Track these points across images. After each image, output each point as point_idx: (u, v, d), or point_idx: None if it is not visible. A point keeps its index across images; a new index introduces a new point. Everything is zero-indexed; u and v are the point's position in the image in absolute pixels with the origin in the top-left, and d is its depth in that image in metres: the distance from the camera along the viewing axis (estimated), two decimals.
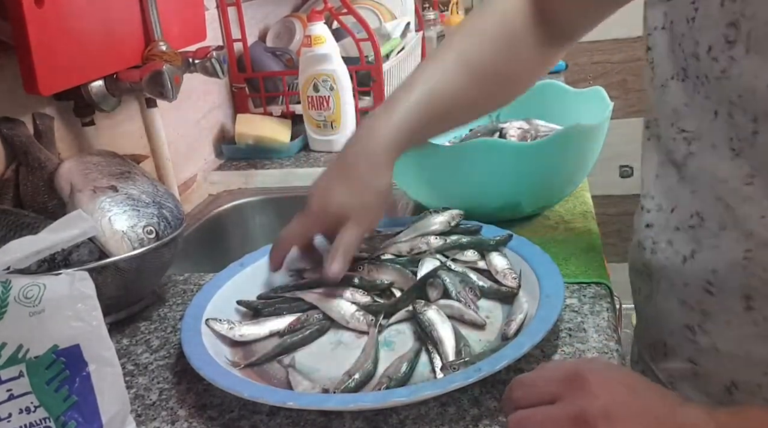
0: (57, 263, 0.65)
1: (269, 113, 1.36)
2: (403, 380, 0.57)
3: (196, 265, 1.02)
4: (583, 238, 0.81)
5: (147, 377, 0.63)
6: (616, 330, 0.64)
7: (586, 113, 0.87)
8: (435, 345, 0.60)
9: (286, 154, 1.28)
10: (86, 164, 0.74)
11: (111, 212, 0.69)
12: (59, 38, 0.77)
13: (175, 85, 0.88)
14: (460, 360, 0.57)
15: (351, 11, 1.28)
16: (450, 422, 0.53)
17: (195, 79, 1.13)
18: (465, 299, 0.66)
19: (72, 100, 0.88)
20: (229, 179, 1.22)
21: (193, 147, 1.22)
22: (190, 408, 0.58)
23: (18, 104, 0.81)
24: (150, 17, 0.93)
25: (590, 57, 2.47)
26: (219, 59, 0.96)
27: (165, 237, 0.71)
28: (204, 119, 1.27)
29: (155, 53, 0.93)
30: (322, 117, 1.26)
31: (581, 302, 0.68)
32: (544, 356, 0.60)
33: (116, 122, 0.99)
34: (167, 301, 0.77)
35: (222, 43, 1.32)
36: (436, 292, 0.67)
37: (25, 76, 0.74)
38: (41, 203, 0.73)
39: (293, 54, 1.40)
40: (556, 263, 0.68)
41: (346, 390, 0.56)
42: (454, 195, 0.81)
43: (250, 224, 1.16)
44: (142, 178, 0.75)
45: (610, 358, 0.59)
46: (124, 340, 0.70)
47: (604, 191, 2.22)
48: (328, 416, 0.55)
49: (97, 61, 0.85)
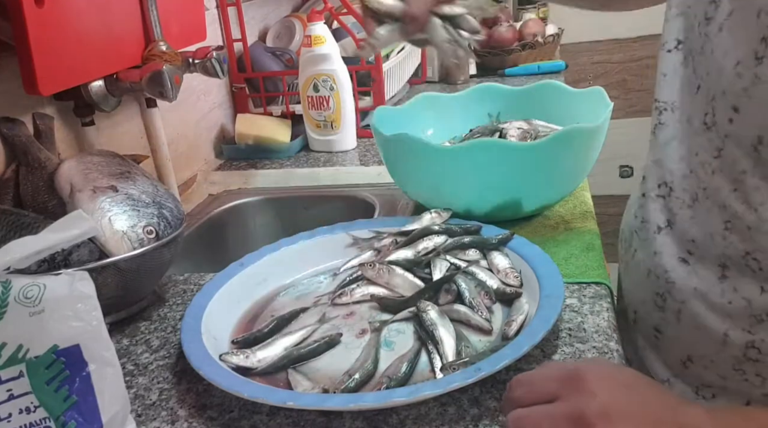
0: (57, 263, 0.65)
1: (269, 113, 1.36)
2: (403, 380, 0.57)
3: (196, 265, 1.02)
4: (583, 238, 0.80)
5: (147, 377, 0.63)
6: (616, 330, 0.64)
7: (586, 113, 0.87)
8: (435, 345, 0.60)
9: (286, 154, 1.28)
10: (86, 164, 0.74)
11: (111, 212, 0.69)
12: (59, 38, 0.77)
13: (175, 86, 0.88)
14: (460, 360, 0.57)
15: (351, 11, 1.28)
16: (450, 422, 0.53)
17: (195, 79, 1.13)
18: (478, 305, 0.66)
19: (72, 100, 0.88)
20: (229, 179, 1.22)
21: (193, 147, 1.22)
22: (190, 408, 0.58)
23: (18, 104, 0.81)
24: (150, 17, 0.93)
25: (590, 57, 2.47)
26: (219, 59, 0.96)
27: (165, 237, 0.71)
28: (204, 119, 1.27)
29: (155, 53, 0.93)
30: (322, 117, 1.26)
31: (581, 302, 0.68)
32: (545, 356, 0.60)
33: (116, 122, 0.99)
34: (167, 301, 0.77)
35: (222, 43, 1.32)
36: (449, 297, 0.68)
37: (25, 77, 0.74)
38: (41, 203, 0.73)
39: (293, 54, 1.40)
40: (556, 263, 0.68)
41: (346, 390, 0.56)
42: (455, 195, 0.81)
43: (250, 224, 1.16)
44: (142, 178, 0.75)
45: (610, 358, 0.59)
46: (124, 340, 0.70)
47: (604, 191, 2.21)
48: (328, 416, 0.55)
49: (97, 61, 0.85)
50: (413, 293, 0.69)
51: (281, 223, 1.16)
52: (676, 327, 0.63)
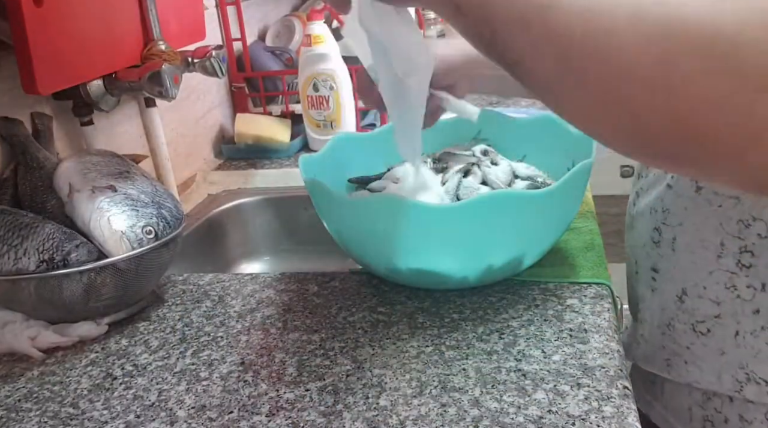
0: (56, 263, 0.65)
1: (269, 113, 1.35)
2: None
3: (196, 265, 1.02)
4: (583, 238, 0.80)
5: (146, 377, 0.63)
6: (618, 330, 0.64)
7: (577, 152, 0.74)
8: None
9: (286, 154, 1.28)
10: (85, 164, 0.74)
11: (110, 212, 0.69)
12: (58, 38, 0.77)
13: (174, 85, 0.87)
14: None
15: None
16: (450, 423, 0.53)
17: (194, 78, 1.13)
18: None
19: (71, 99, 0.88)
20: (228, 178, 1.22)
21: (193, 147, 1.22)
22: (189, 409, 0.58)
23: (17, 104, 0.81)
24: (149, 16, 0.93)
25: None
26: (218, 59, 0.95)
27: (164, 237, 0.71)
28: (203, 118, 1.26)
29: (154, 53, 0.92)
30: (322, 116, 1.26)
31: (582, 302, 0.68)
32: (545, 356, 0.60)
33: (115, 122, 0.99)
34: (166, 301, 0.77)
35: (221, 42, 1.32)
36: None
37: (24, 76, 0.74)
38: (40, 202, 0.73)
39: (293, 53, 1.40)
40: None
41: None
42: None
43: (250, 224, 1.16)
44: (141, 178, 0.75)
45: (611, 359, 0.59)
46: (123, 341, 0.70)
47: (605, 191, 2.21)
48: (328, 417, 0.55)
49: (96, 61, 0.85)
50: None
51: (281, 223, 1.16)
52: (671, 258, 0.68)
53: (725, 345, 0.65)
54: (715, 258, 0.64)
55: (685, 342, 0.68)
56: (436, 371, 0.59)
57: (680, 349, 0.69)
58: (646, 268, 0.72)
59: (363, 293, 0.74)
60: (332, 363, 0.62)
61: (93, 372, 0.65)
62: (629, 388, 0.55)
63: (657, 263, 0.70)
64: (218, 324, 0.71)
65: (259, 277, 0.81)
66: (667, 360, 0.70)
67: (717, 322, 0.65)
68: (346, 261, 0.86)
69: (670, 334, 0.69)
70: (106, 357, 0.67)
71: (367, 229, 0.68)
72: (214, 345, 0.67)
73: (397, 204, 0.64)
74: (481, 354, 0.61)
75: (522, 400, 0.54)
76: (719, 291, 0.64)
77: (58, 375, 0.65)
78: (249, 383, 0.60)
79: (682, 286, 0.67)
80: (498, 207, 0.63)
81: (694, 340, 0.67)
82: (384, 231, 0.66)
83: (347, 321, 0.69)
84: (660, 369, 0.72)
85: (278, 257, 1.16)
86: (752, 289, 0.62)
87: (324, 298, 0.74)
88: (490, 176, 0.74)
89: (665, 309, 0.70)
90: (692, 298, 0.66)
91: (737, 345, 0.64)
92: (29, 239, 0.66)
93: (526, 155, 0.83)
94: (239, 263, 1.14)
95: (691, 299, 0.67)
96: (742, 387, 0.64)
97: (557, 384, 0.56)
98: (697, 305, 0.66)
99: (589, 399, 0.54)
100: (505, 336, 0.63)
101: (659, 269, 0.70)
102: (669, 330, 0.70)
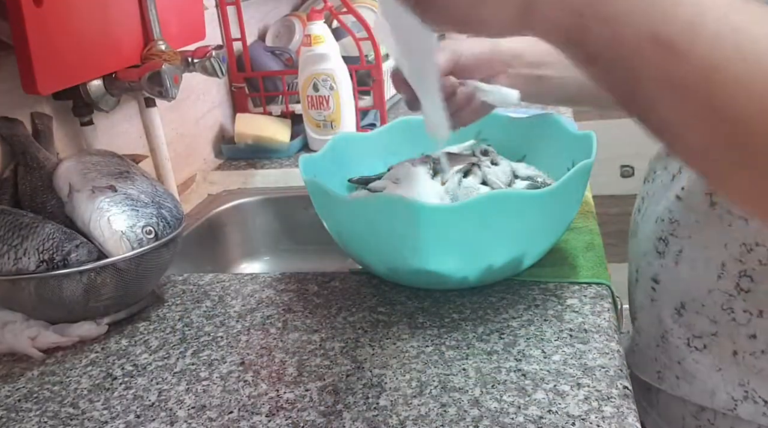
0: (56, 263, 0.65)
1: (269, 113, 1.35)
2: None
3: (196, 265, 1.02)
4: (583, 238, 0.80)
5: (146, 377, 0.63)
6: (618, 330, 0.64)
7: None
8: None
9: (286, 154, 1.28)
10: (85, 164, 0.74)
11: (110, 212, 0.69)
12: (58, 37, 0.77)
13: (174, 85, 0.87)
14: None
15: (351, 10, 1.28)
16: (450, 423, 0.53)
17: (194, 78, 1.13)
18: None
19: (71, 99, 0.88)
20: (228, 178, 1.22)
21: (192, 147, 1.22)
22: (189, 409, 0.58)
23: (16, 104, 0.81)
24: (149, 16, 0.93)
25: None
26: (218, 59, 0.95)
27: (164, 237, 0.71)
28: (203, 118, 1.26)
29: (154, 53, 0.92)
30: (322, 117, 1.26)
31: (582, 302, 0.68)
32: (545, 356, 0.60)
33: (115, 122, 0.99)
34: (166, 301, 0.77)
35: (221, 42, 1.32)
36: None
37: (24, 76, 0.74)
38: (40, 202, 0.73)
39: (293, 53, 1.40)
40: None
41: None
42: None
43: (250, 224, 1.16)
44: (141, 178, 0.75)
45: (611, 359, 0.59)
46: (123, 341, 0.70)
47: (605, 190, 2.21)
48: (328, 417, 0.55)
49: (96, 61, 0.85)
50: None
51: (281, 223, 1.16)
52: (673, 271, 0.66)
53: (722, 362, 0.63)
54: (715, 277, 0.63)
55: (676, 357, 0.67)
56: (436, 371, 0.59)
57: (671, 363, 0.68)
58: (646, 277, 0.71)
59: (363, 293, 0.74)
60: (332, 363, 0.62)
61: (93, 372, 0.65)
62: (629, 388, 0.55)
63: (658, 274, 0.69)
64: (218, 324, 0.71)
65: (259, 277, 0.81)
66: (659, 373, 0.70)
67: (714, 340, 0.64)
68: (346, 261, 0.86)
69: (663, 346, 0.69)
70: (106, 357, 0.67)
71: (367, 229, 0.68)
72: (214, 345, 0.67)
73: (397, 204, 0.64)
74: (481, 354, 0.61)
75: (522, 400, 0.54)
76: (716, 312, 0.63)
77: (58, 375, 0.65)
78: (249, 383, 0.60)
79: (681, 300, 0.66)
80: (498, 207, 0.63)
81: (686, 355, 0.66)
82: (384, 231, 0.66)
83: (347, 321, 0.69)
84: (652, 379, 0.71)
85: (278, 257, 1.16)
86: (748, 314, 0.61)
87: (324, 298, 0.74)
88: (490, 176, 0.74)
89: (662, 321, 0.69)
90: (690, 313, 0.65)
91: (737, 362, 0.63)
92: (29, 239, 0.66)
93: (526, 155, 0.83)
94: (239, 263, 1.14)
95: (689, 313, 0.65)
96: (737, 406, 0.63)
97: (557, 384, 0.56)
98: (695, 320, 0.65)
99: (589, 399, 0.54)
100: (505, 336, 0.63)
101: (660, 280, 0.69)
102: (662, 343, 0.69)
